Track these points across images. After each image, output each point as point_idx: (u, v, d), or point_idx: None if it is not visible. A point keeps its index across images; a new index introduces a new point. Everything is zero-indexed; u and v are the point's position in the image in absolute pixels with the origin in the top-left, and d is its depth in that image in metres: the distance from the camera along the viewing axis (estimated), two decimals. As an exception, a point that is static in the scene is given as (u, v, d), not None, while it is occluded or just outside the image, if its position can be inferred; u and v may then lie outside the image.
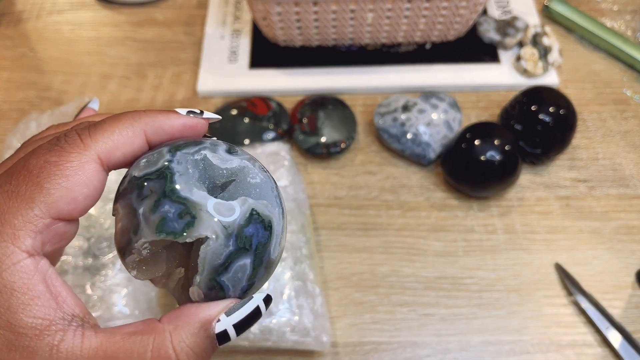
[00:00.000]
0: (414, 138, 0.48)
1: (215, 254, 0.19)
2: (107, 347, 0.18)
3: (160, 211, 0.19)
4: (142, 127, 0.21)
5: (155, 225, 0.19)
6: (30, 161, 0.19)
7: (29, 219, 0.18)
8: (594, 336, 0.41)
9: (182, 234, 0.19)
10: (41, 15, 0.61)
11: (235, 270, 0.19)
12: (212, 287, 0.19)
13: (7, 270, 0.18)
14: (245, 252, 0.19)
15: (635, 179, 0.49)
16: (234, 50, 0.57)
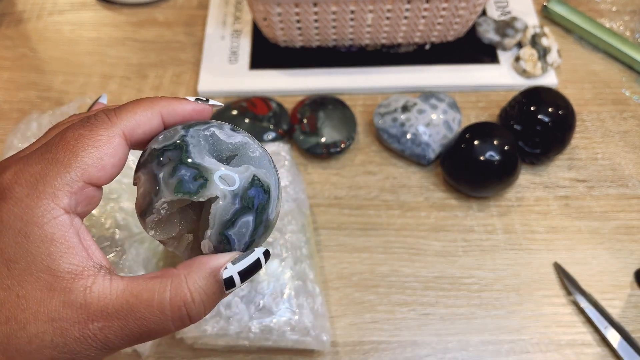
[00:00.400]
0: (414, 138, 0.48)
1: (224, 211, 0.22)
2: (132, 287, 0.21)
3: (178, 175, 0.22)
4: (159, 110, 0.24)
5: (173, 187, 0.22)
6: (67, 134, 0.22)
7: (66, 181, 0.21)
8: (593, 335, 0.41)
9: (197, 194, 0.22)
10: (42, 15, 0.62)
11: (240, 225, 0.23)
12: (221, 241, 0.23)
13: (48, 223, 0.21)
14: (248, 210, 0.23)
15: (634, 179, 0.49)
16: (234, 51, 0.57)
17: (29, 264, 0.20)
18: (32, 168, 0.21)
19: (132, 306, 0.21)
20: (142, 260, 0.39)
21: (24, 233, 0.20)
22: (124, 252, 0.39)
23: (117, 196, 0.40)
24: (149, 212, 0.23)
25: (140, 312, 0.21)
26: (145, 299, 0.21)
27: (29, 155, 0.22)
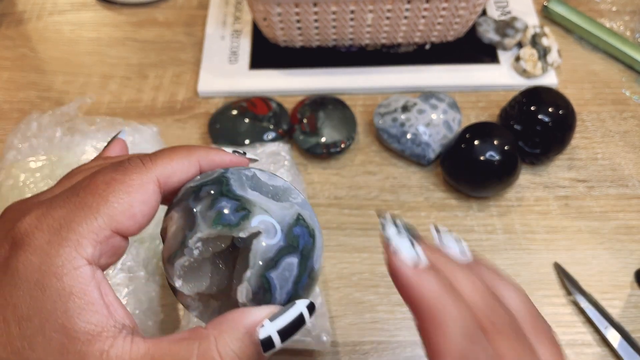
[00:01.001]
0: (414, 138, 0.48)
1: (267, 248, 0.20)
2: (154, 352, 0.19)
3: (217, 207, 0.20)
4: (197, 158, 0.23)
5: (212, 219, 0.20)
6: (97, 177, 0.21)
7: (93, 228, 0.19)
8: (593, 335, 0.41)
9: (237, 226, 0.20)
10: (42, 15, 0.62)
11: (284, 267, 0.20)
12: (261, 285, 0.20)
13: (68, 274, 0.19)
14: (293, 250, 0.21)
15: (634, 179, 0.49)
16: (234, 51, 0.57)
17: (42, 322, 0.18)
18: (57, 212, 0.19)
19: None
20: (142, 260, 0.39)
21: (40, 285, 0.18)
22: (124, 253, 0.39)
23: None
24: (180, 253, 0.20)
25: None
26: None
27: (52, 199, 0.20)
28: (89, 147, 0.43)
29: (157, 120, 0.53)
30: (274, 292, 0.20)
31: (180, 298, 0.22)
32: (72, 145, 0.43)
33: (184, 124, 0.53)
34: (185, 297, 0.22)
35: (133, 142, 0.44)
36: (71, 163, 0.42)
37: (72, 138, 0.43)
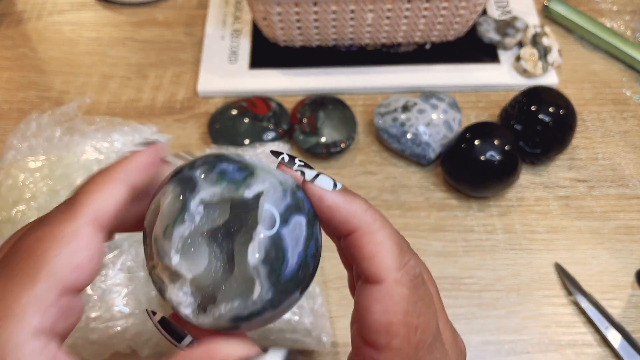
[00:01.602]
0: (414, 138, 0.48)
1: (276, 202, 0.19)
2: None
3: (219, 167, 0.19)
4: (120, 178, 0.19)
5: (215, 178, 0.19)
6: (25, 239, 0.18)
7: (35, 294, 0.17)
8: (593, 336, 0.41)
9: (244, 182, 0.19)
10: (42, 15, 0.62)
11: (294, 224, 0.19)
12: (273, 243, 0.18)
13: (9, 356, 0.16)
14: (299, 210, 0.19)
15: (635, 179, 0.49)
16: (234, 51, 0.57)
17: None
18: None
19: None
20: (141, 261, 0.39)
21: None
22: (123, 253, 0.39)
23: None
24: (179, 220, 0.18)
25: None
26: None
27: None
28: (89, 147, 0.43)
29: (157, 120, 0.53)
30: (287, 252, 0.19)
31: (170, 292, 0.19)
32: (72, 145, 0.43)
33: (183, 124, 0.53)
34: (176, 288, 0.19)
35: (133, 142, 0.44)
36: (70, 163, 0.42)
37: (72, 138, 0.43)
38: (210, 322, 0.19)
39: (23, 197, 0.40)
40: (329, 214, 0.20)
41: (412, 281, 0.20)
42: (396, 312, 0.19)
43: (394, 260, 0.19)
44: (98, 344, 0.37)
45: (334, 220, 0.20)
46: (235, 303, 0.19)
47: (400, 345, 0.19)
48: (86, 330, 0.36)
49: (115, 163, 0.20)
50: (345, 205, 0.20)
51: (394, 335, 0.19)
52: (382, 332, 0.19)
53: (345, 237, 0.20)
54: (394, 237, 0.20)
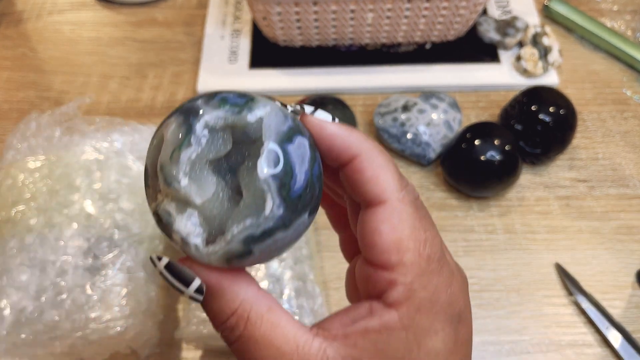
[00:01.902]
0: (414, 138, 0.48)
1: (278, 123, 0.19)
2: None
3: (220, 96, 0.19)
4: None
5: (217, 104, 0.19)
6: None
7: None
8: (594, 336, 0.41)
9: (245, 106, 0.19)
10: (41, 15, 0.62)
11: (298, 144, 0.19)
12: (280, 159, 0.19)
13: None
14: (300, 132, 0.20)
15: (635, 179, 0.49)
16: (234, 50, 0.57)
17: None
18: None
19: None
20: (141, 261, 0.39)
21: None
22: (123, 253, 0.39)
23: (117, 196, 0.40)
24: (186, 143, 0.19)
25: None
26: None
27: None
28: (88, 147, 0.43)
29: (157, 120, 0.53)
30: (294, 168, 0.19)
31: (178, 223, 0.19)
32: (71, 145, 0.43)
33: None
34: (185, 218, 0.19)
35: (132, 142, 0.44)
36: (70, 163, 0.41)
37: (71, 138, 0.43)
38: (222, 249, 0.19)
39: (22, 197, 0.40)
40: (330, 142, 0.20)
41: (413, 201, 0.20)
42: (404, 227, 0.19)
43: (396, 182, 0.20)
44: (98, 344, 0.37)
45: (336, 148, 0.20)
46: (247, 222, 0.18)
47: (412, 259, 0.19)
48: (86, 330, 0.36)
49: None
50: (346, 133, 0.20)
51: (405, 251, 0.19)
52: (393, 249, 0.19)
53: (346, 165, 0.20)
54: (392, 162, 0.20)
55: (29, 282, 0.37)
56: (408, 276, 0.19)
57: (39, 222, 0.39)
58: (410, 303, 0.19)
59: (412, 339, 0.19)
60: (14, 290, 0.37)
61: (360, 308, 0.20)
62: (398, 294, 0.19)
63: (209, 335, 0.37)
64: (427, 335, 0.19)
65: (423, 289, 0.19)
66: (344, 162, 0.20)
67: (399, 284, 0.19)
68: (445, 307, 0.20)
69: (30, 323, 0.36)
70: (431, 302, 0.19)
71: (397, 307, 0.19)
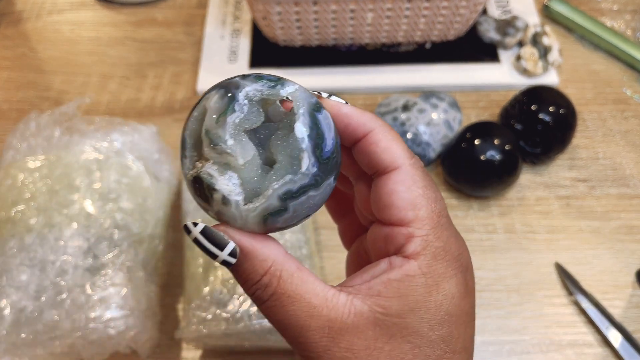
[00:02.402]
0: (414, 138, 0.48)
1: (307, 97, 0.22)
2: None
3: (255, 74, 0.22)
4: None
5: (255, 78, 0.22)
6: None
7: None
8: (594, 336, 0.41)
9: (278, 83, 0.22)
10: (41, 15, 0.61)
11: (325, 115, 0.22)
12: (314, 124, 0.21)
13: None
14: (322, 109, 0.22)
15: (636, 179, 0.49)
16: (233, 50, 0.57)
17: None
18: None
19: None
20: (140, 261, 0.39)
21: None
22: (123, 253, 0.39)
23: (116, 196, 0.40)
24: (230, 110, 0.21)
25: None
26: None
27: None
28: (88, 146, 0.43)
29: (157, 120, 0.52)
30: (325, 132, 0.21)
31: (220, 183, 0.21)
32: (71, 145, 0.43)
33: (183, 124, 0.52)
34: (226, 178, 0.21)
35: (132, 141, 0.44)
36: (70, 163, 0.41)
37: (71, 138, 0.43)
38: (261, 205, 0.21)
39: (22, 197, 0.40)
40: (346, 120, 0.23)
41: (422, 167, 0.23)
42: (417, 187, 0.22)
43: (406, 151, 0.23)
44: (97, 344, 0.37)
45: (353, 125, 0.23)
46: (286, 178, 0.21)
47: (426, 214, 0.22)
48: (85, 330, 0.36)
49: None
50: (360, 112, 0.23)
51: (420, 207, 0.22)
52: (409, 207, 0.22)
53: (361, 139, 0.23)
54: (399, 136, 0.23)
55: (29, 281, 0.37)
56: (424, 229, 0.22)
57: (38, 222, 0.39)
58: (427, 252, 0.21)
59: (431, 283, 0.21)
60: (13, 290, 0.37)
61: (380, 264, 0.22)
62: (415, 245, 0.21)
63: (208, 335, 0.37)
64: (443, 280, 0.21)
65: (437, 240, 0.22)
66: (360, 136, 0.23)
67: (416, 236, 0.22)
68: (456, 256, 0.22)
69: (30, 323, 0.36)
70: (445, 251, 0.22)
71: (415, 258, 0.21)
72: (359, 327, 0.21)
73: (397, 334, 0.21)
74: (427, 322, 0.21)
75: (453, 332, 0.22)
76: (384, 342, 0.21)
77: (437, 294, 0.21)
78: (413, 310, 0.21)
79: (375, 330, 0.21)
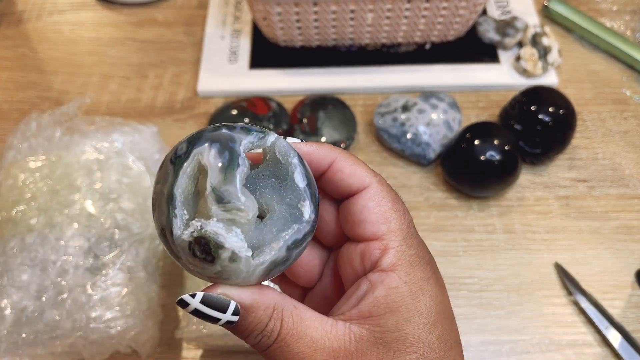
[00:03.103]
0: (414, 138, 0.48)
1: (287, 144, 0.22)
2: None
3: (238, 126, 0.22)
4: None
5: (241, 129, 0.22)
6: None
7: None
8: (593, 336, 0.41)
9: (264, 134, 0.22)
10: (42, 15, 0.62)
11: (305, 163, 0.22)
12: (307, 173, 0.22)
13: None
14: (300, 160, 0.23)
15: (635, 179, 0.49)
16: (234, 51, 0.57)
17: None
18: None
19: None
20: (141, 261, 0.39)
21: None
22: (123, 253, 0.39)
23: (117, 196, 0.40)
24: (235, 164, 0.20)
25: None
26: None
27: None
28: (89, 146, 0.43)
29: (157, 120, 0.53)
30: (313, 180, 0.22)
31: (229, 241, 0.20)
32: (72, 145, 0.43)
33: (183, 124, 0.53)
34: (233, 235, 0.21)
35: (133, 142, 0.44)
36: (70, 163, 0.41)
37: (72, 138, 0.43)
38: (271, 257, 0.21)
39: (23, 197, 0.40)
40: (308, 157, 0.24)
41: (387, 184, 0.24)
42: (387, 201, 0.23)
43: (370, 171, 0.24)
44: (98, 344, 0.37)
45: (314, 160, 0.24)
46: (294, 227, 0.21)
47: (397, 225, 0.23)
48: (86, 330, 0.36)
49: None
50: (318, 147, 0.24)
51: (391, 220, 0.23)
52: (381, 220, 0.23)
53: (326, 171, 0.24)
54: (359, 158, 0.24)
55: (30, 281, 0.37)
56: (396, 240, 0.23)
57: (39, 222, 0.39)
58: (403, 262, 0.22)
59: (415, 289, 0.22)
60: (14, 289, 0.37)
61: (361, 285, 0.22)
62: (391, 257, 0.22)
63: (209, 335, 0.37)
64: (424, 283, 0.22)
65: (409, 248, 0.23)
66: (324, 168, 0.24)
67: (390, 248, 0.22)
68: (427, 259, 0.23)
69: (31, 322, 0.36)
70: (418, 257, 0.23)
71: (393, 269, 0.22)
72: (363, 351, 0.21)
73: (400, 348, 0.21)
74: (424, 326, 0.22)
75: (446, 328, 0.22)
76: (390, 359, 0.21)
77: (424, 297, 0.22)
78: (407, 319, 0.21)
79: (379, 351, 0.21)
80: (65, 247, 0.38)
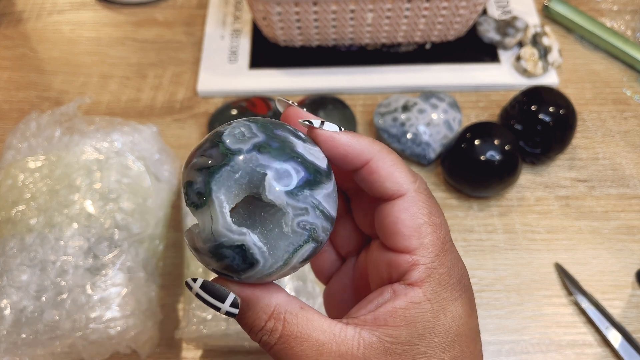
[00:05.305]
0: (414, 138, 0.48)
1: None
2: None
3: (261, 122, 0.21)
4: None
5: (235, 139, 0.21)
6: None
7: None
8: (593, 336, 0.41)
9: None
10: (41, 15, 0.62)
11: (325, 191, 0.21)
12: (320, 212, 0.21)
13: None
14: (322, 184, 0.21)
15: (635, 179, 0.49)
16: (234, 50, 0.57)
17: None
18: None
19: None
20: (141, 261, 0.39)
21: None
22: (123, 253, 0.39)
23: (117, 196, 0.40)
24: (231, 206, 0.20)
25: None
26: None
27: None
28: (88, 146, 0.43)
29: (157, 120, 0.53)
30: (331, 211, 0.22)
31: (249, 241, 0.20)
32: (71, 145, 0.43)
33: (183, 124, 0.53)
34: (255, 236, 0.21)
35: (132, 141, 0.44)
36: (70, 163, 0.41)
37: (71, 138, 0.43)
38: (288, 269, 0.21)
39: (23, 197, 0.40)
40: (344, 150, 0.22)
41: (426, 190, 0.23)
42: (422, 214, 0.22)
43: (409, 175, 0.22)
44: (98, 344, 0.37)
45: (349, 155, 0.22)
46: (311, 245, 0.21)
47: (430, 242, 0.22)
48: (86, 330, 0.36)
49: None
50: (357, 141, 0.22)
51: (425, 235, 0.22)
52: (414, 235, 0.22)
53: (360, 168, 0.23)
54: (400, 159, 0.23)
55: (30, 282, 0.37)
56: (428, 257, 0.22)
57: (39, 222, 0.39)
58: (431, 279, 0.21)
59: (437, 308, 0.21)
60: (14, 290, 0.37)
61: (384, 293, 0.22)
62: (420, 273, 0.21)
63: (208, 335, 0.37)
64: (449, 303, 0.22)
65: (441, 266, 0.22)
66: (359, 165, 0.22)
67: (421, 264, 0.21)
68: (459, 278, 0.22)
69: (30, 323, 0.36)
70: (449, 276, 0.22)
71: (420, 285, 0.21)
72: (371, 359, 0.21)
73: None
74: (438, 345, 0.21)
75: (464, 350, 0.22)
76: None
77: (445, 317, 0.21)
78: (422, 336, 0.21)
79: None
80: (65, 247, 0.38)
